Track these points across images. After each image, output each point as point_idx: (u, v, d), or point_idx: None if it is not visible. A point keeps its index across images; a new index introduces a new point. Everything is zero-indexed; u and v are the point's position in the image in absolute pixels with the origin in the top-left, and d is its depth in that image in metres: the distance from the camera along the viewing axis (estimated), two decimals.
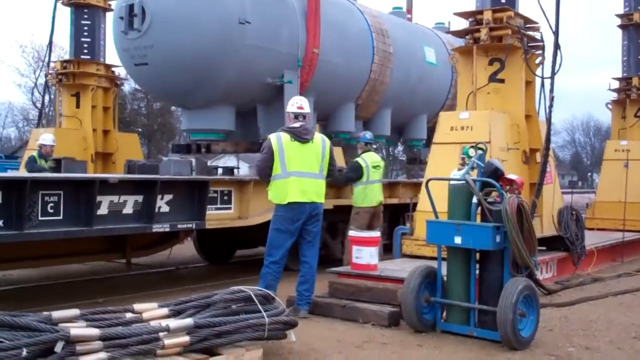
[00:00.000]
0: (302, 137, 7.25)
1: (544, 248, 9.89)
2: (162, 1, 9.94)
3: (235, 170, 11.47)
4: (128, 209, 8.09)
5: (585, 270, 10.65)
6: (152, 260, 11.62)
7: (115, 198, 7.92)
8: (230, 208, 9.47)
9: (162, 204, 8.45)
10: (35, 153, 11.27)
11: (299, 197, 7.19)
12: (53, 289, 9.60)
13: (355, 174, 10.12)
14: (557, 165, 11.59)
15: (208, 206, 8.95)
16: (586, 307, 8.19)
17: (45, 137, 11.39)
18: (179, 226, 8.76)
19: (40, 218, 7.15)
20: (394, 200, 12.33)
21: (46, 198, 7.22)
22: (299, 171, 7.20)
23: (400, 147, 26.71)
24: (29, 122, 45.62)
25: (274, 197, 7.33)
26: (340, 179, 10.25)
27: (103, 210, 7.77)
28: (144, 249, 10.85)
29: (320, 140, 7.44)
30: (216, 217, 9.20)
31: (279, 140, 7.22)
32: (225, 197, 9.38)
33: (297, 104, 7.47)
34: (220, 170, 10.53)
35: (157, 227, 8.38)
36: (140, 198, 8.18)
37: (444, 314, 6.78)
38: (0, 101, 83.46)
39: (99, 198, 7.64)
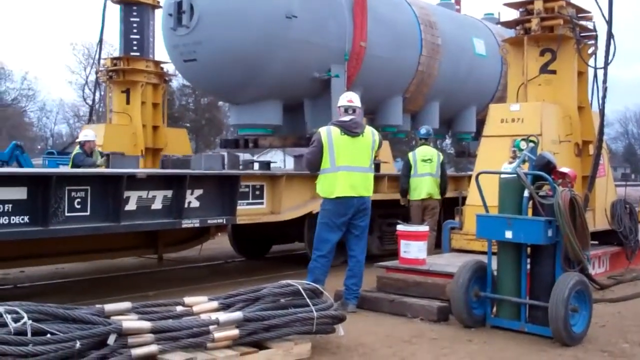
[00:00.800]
0: (352, 130, 7.22)
1: (596, 242, 9.71)
2: None
3: (280, 164, 11.41)
4: (157, 205, 7.91)
5: (639, 265, 10.41)
6: (200, 255, 11.71)
7: (143, 193, 7.77)
8: (262, 203, 9.23)
9: (192, 199, 8.27)
10: (78, 149, 11.19)
11: (347, 191, 7.18)
12: (104, 282, 9.75)
13: (406, 168, 10.48)
14: (610, 158, 11.32)
15: (239, 201, 8.74)
16: None
17: (87, 132, 11.37)
18: (209, 221, 8.60)
19: (66, 214, 7.00)
20: None
21: (73, 193, 7.08)
22: (349, 165, 7.18)
23: (448, 140, 26.48)
24: (79, 118, 46.78)
25: (321, 191, 7.33)
26: (403, 181, 10.52)
27: (131, 205, 7.61)
28: (176, 245, 10.74)
29: (370, 133, 7.41)
30: (247, 212, 9.00)
31: (329, 134, 7.20)
32: (257, 192, 9.17)
33: (347, 97, 7.49)
34: (256, 165, 10.36)
35: (187, 223, 8.20)
36: (169, 193, 8.01)
37: (494, 309, 6.70)
38: (52, 98, 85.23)
39: (127, 193, 7.48)
